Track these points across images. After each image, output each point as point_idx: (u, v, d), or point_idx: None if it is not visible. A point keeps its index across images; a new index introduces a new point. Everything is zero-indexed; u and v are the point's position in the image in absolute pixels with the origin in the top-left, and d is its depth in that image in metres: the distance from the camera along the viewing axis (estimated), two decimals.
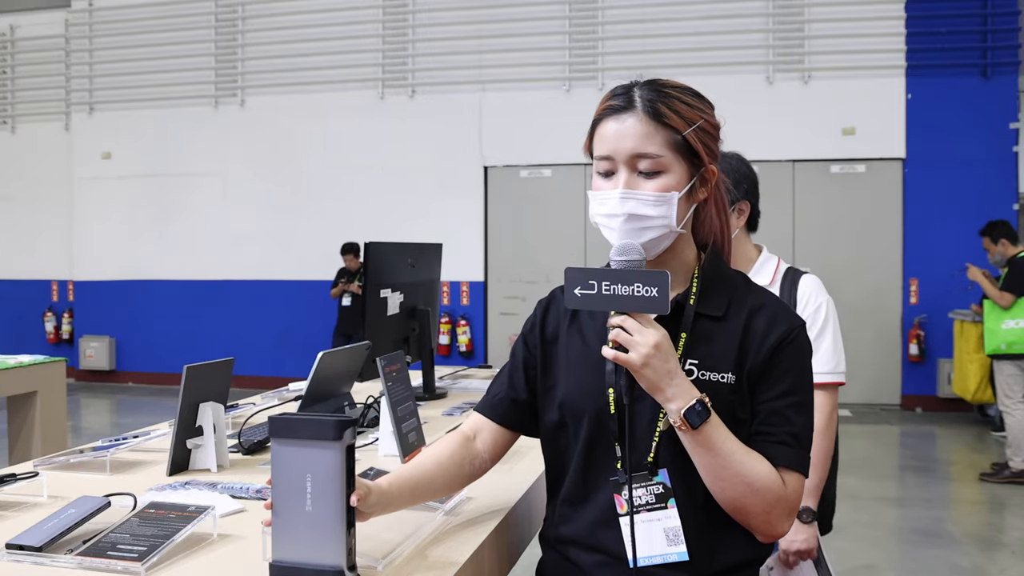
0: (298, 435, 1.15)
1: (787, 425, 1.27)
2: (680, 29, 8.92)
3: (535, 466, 1.81)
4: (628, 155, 1.27)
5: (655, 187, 1.27)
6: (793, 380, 1.28)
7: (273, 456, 1.17)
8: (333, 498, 1.13)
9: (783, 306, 1.34)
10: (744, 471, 1.22)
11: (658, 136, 1.26)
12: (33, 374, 4.37)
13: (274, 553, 1.15)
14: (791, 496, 1.25)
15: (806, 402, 1.29)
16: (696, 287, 1.32)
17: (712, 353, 1.28)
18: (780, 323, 1.29)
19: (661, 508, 1.27)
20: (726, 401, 1.26)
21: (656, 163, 1.26)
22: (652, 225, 1.27)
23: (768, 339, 1.28)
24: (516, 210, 9.37)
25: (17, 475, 1.58)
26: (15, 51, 11.04)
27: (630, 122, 1.27)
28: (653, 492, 1.27)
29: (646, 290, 1.20)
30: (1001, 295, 5.73)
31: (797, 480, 1.26)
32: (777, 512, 1.25)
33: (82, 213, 10.56)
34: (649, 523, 1.27)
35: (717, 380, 1.27)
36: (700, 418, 1.20)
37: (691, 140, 1.27)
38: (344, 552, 1.12)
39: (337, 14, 9.70)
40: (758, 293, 1.35)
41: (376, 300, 2.51)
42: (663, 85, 1.32)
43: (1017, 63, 8.42)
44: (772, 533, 1.28)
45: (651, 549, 1.26)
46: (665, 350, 1.20)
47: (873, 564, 4.30)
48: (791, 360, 1.28)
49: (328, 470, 1.13)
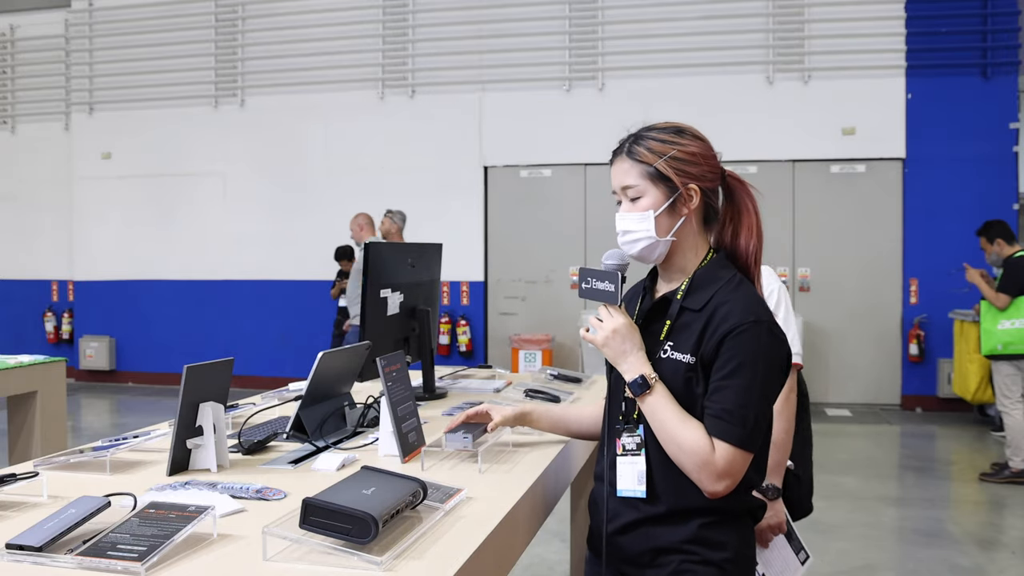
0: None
1: (724, 402, 1.52)
2: (680, 29, 8.92)
3: (535, 466, 1.82)
4: (619, 187, 1.70)
5: (636, 208, 1.65)
6: (737, 365, 1.52)
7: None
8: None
9: (748, 304, 1.56)
10: (675, 434, 1.53)
11: (634, 170, 1.66)
12: (33, 374, 4.37)
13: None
14: (718, 462, 1.50)
15: (749, 386, 1.51)
16: (686, 285, 1.62)
17: (683, 338, 1.59)
18: (734, 316, 1.54)
19: (637, 455, 1.61)
20: (685, 377, 1.56)
21: (635, 191, 1.66)
22: (638, 237, 1.65)
23: (720, 328, 1.54)
24: (516, 210, 9.37)
25: (17, 475, 1.58)
26: (15, 51, 11.04)
27: (618, 163, 1.70)
28: (635, 441, 1.62)
29: (606, 285, 1.62)
30: (997, 296, 5.73)
31: (725, 449, 1.50)
32: (706, 473, 1.51)
33: (82, 213, 10.56)
34: (630, 464, 1.62)
35: (679, 359, 1.57)
36: (640, 389, 1.56)
37: (661, 168, 1.62)
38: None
39: (337, 14, 9.70)
40: (736, 292, 1.58)
41: (376, 300, 2.51)
42: (646, 129, 1.68)
43: (1017, 63, 8.42)
44: (705, 489, 1.53)
45: (627, 484, 1.61)
46: (621, 334, 1.59)
47: (873, 564, 4.31)
48: (737, 348, 1.52)
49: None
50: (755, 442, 1.53)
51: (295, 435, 2.03)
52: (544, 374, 2.87)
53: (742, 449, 1.51)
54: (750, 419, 1.51)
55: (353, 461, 1.84)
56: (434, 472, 1.74)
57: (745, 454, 1.52)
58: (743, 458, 1.52)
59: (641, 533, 1.61)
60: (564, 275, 9.27)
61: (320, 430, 2.03)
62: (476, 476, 1.73)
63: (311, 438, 2.00)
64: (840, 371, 8.56)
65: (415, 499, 1.42)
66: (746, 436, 1.51)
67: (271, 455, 1.93)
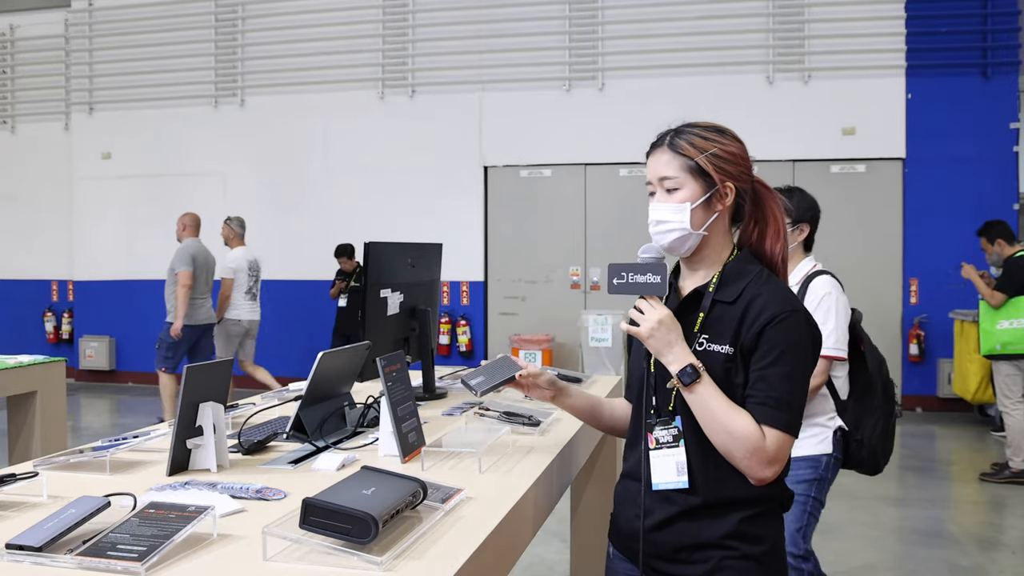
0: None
1: (770, 390, 1.55)
2: (680, 29, 8.92)
3: (535, 466, 1.82)
4: (657, 178, 1.68)
5: (671, 199, 1.65)
6: (779, 354, 1.56)
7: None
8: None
9: (783, 296, 1.61)
10: (726, 422, 1.54)
11: (675, 162, 1.65)
12: (33, 374, 4.37)
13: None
14: (769, 447, 1.53)
15: (792, 373, 1.56)
16: (716, 279, 1.65)
17: (719, 330, 1.61)
18: (773, 306, 1.58)
19: (675, 446, 1.63)
20: (723, 368, 1.59)
21: (673, 182, 1.65)
22: (671, 228, 1.64)
23: (760, 319, 1.57)
24: (516, 210, 9.37)
25: (17, 475, 1.58)
26: (15, 51, 11.04)
27: (657, 155, 1.68)
28: (671, 433, 1.63)
29: (652, 277, 1.60)
30: (992, 294, 5.73)
31: (775, 435, 1.54)
32: (756, 459, 1.53)
33: (82, 213, 10.56)
34: (666, 457, 1.63)
35: (718, 351, 1.60)
36: (690, 378, 1.56)
37: (702, 164, 1.63)
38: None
39: (337, 14, 9.70)
40: (768, 285, 1.63)
41: (376, 300, 2.50)
42: (688, 125, 1.69)
43: (1017, 63, 8.42)
44: (755, 477, 1.56)
45: (666, 476, 1.62)
46: (667, 325, 1.59)
47: (873, 564, 4.31)
48: (779, 336, 1.56)
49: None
50: (798, 426, 1.57)
51: (295, 435, 2.03)
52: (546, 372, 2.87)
53: (789, 434, 1.55)
54: (795, 405, 1.56)
55: (353, 461, 1.83)
56: (434, 472, 1.74)
57: (790, 439, 1.56)
58: (789, 443, 1.56)
59: (678, 528, 1.62)
60: (564, 275, 9.28)
61: (320, 430, 2.03)
62: (476, 476, 1.73)
63: (311, 438, 2.00)
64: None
65: (415, 499, 1.42)
66: (792, 421, 1.55)
67: (271, 455, 1.92)
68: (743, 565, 1.59)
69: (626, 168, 9.03)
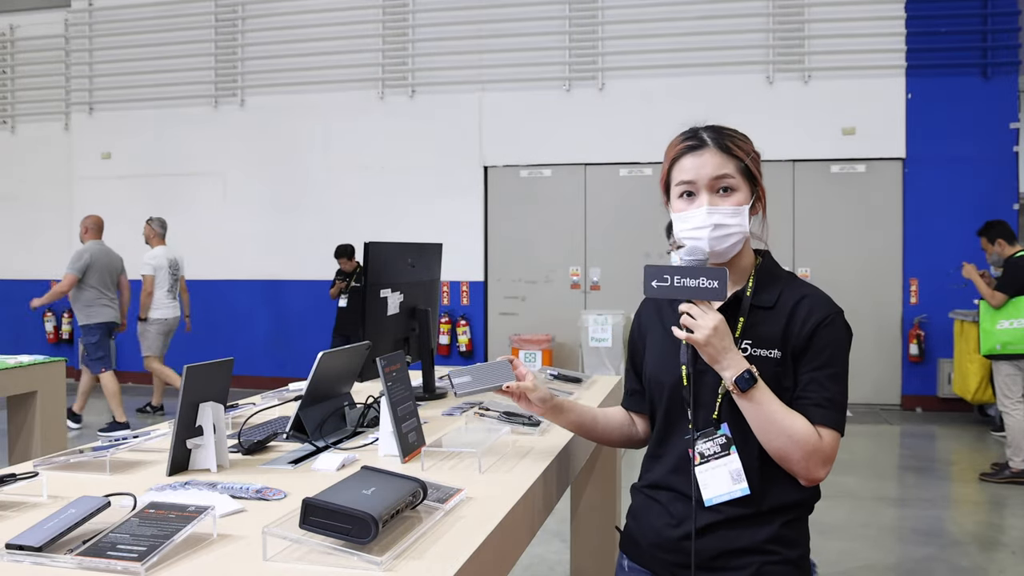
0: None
1: (823, 391, 1.55)
2: (680, 29, 8.92)
3: (535, 466, 1.82)
4: (708, 179, 1.60)
5: (732, 202, 1.60)
6: (829, 355, 1.57)
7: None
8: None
9: (826, 298, 1.62)
10: (785, 426, 1.52)
11: (730, 164, 1.61)
12: (33, 374, 4.37)
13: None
14: (826, 447, 1.54)
15: (840, 373, 1.58)
16: (752, 283, 1.64)
17: (763, 334, 1.59)
18: (820, 309, 1.59)
19: (725, 455, 1.58)
20: (772, 372, 1.57)
21: (731, 183, 1.61)
22: (731, 232, 1.60)
23: (808, 321, 1.58)
24: (516, 210, 9.37)
25: (17, 475, 1.58)
26: (15, 51, 11.04)
27: (707, 156, 1.61)
28: (718, 443, 1.58)
29: (709, 283, 1.52)
30: (992, 294, 5.72)
31: (831, 435, 1.54)
32: (815, 460, 1.53)
33: (82, 213, 10.51)
34: (716, 468, 1.58)
35: (766, 355, 1.58)
36: (748, 384, 1.52)
37: (751, 166, 1.62)
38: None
39: (337, 14, 9.70)
40: (803, 287, 1.64)
41: (376, 300, 2.50)
42: (722, 128, 1.66)
43: (1017, 63, 8.42)
44: (811, 477, 1.55)
45: (719, 489, 1.57)
46: (721, 331, 1.52)
47: (873, 564, 4.30)
48: (827, 338, 1.57)
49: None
50: (845, 425, 1.58)
51: (295, 435, 2.03)
52: (544, 374, 2.88)
53: (841, 434, 1.57)
54: (845, 405, 1.58)
55: (353, 461, 1.83)
56: (434, 472, 1.74)
57: (840, 438, 1.57)
58: (838, 442, 1.57)
59: (718, 536, 1.58)
60: (564, 275, 9.28)
61: (320, 430, 2.03)
62: (476, 476, 1.73)
63: (311, 438, 2.00)
64: None
65: (415, 499, 1.41)
66: (842, 421, 1.57)
67: (271, 455, 1.92)
68: (782, 570, 1.58)
69: (626, 168, 9.03)
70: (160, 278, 7.88)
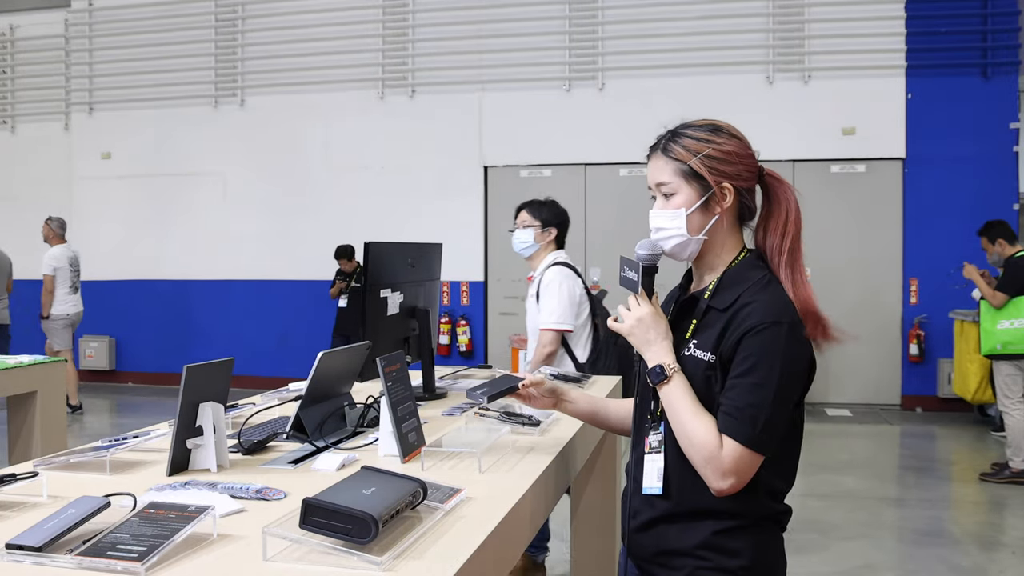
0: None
1: (735, 400, 1.50)
2: (680, 29, 8.92)
3: (535, 466, 1.82)
4: (653, 184, 1.65)
5: (668, 206, 1.62)
6: (752, 364, 1.50)
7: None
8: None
9: (772, 306, 1.54)
10: (687, 427, 1.52)
11: (668, 167, 1.62)
12: (33, 374, 4.37)
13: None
14: (724, 458, 1.49)
15: (762, 384, 1.49)
16: (714, 285, 1.62)
17: (706, 337, 1.57)
18: (755, 316, 1.52)
19: (658, 451, 1.61)
20: (704, 375, 1.55)
21: (669, 187, 1.62)
22: (669, 235, 1.61)
23: (740, 328, 1.52)
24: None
25: (17, 475, 1.58)
26: (15, 51, 11.04)
27: (653, 160, 1.66)
28: (658, 438, 1.62)
29: (632, 274, 1.61)
30: (993, 294, 5.73)
31: (732, 446, 1.49)
32: (711, 468, 1.50)
33: (82, 213, 10.55)
34: (652, 461, 1.62)
35: (700, 357, 1.57)
36: (658, 378, 1.56)
37: (695, 167, 1.59)
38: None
39: (337, 14, 9.70)
40: (762, 293, 1.57)
41: (376, 300, 2.50)
42: (683, 127, 1.65)
43: (1017, 63, 8.42)
44: (711, 486, 1.52)
45: (650, 482, 1.61)
46: (646, 323, 1.58)
47: (873, 564, 4.30)
48: (753, 347, 1.51)
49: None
50: (765, 444, 1.49)
51: (295, 435, 2.03)
52: (544, 374, 2.87)
53: (750, 449, 1.48)
54: (760, 419, 1.48)
55: (353, 461, 1.83)
56: (434, 472, 1.74)
57: (754, 455, 1.49)
58: (751, 458, 1.49)
59: (656, 532, 1.62)
60: None
61: (320, 430, 2.03)
62: (476, 476, 1.73)
63: (311, 438, 2.00)
64: (840, 371, 8.55)
65: (415, 499, 1.42)
66: (755, 436, 1.48)
67: (271, 455, 1.92)
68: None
69: (626, 168, 9.03)
70: (61, 277, 8.26)
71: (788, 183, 1.71)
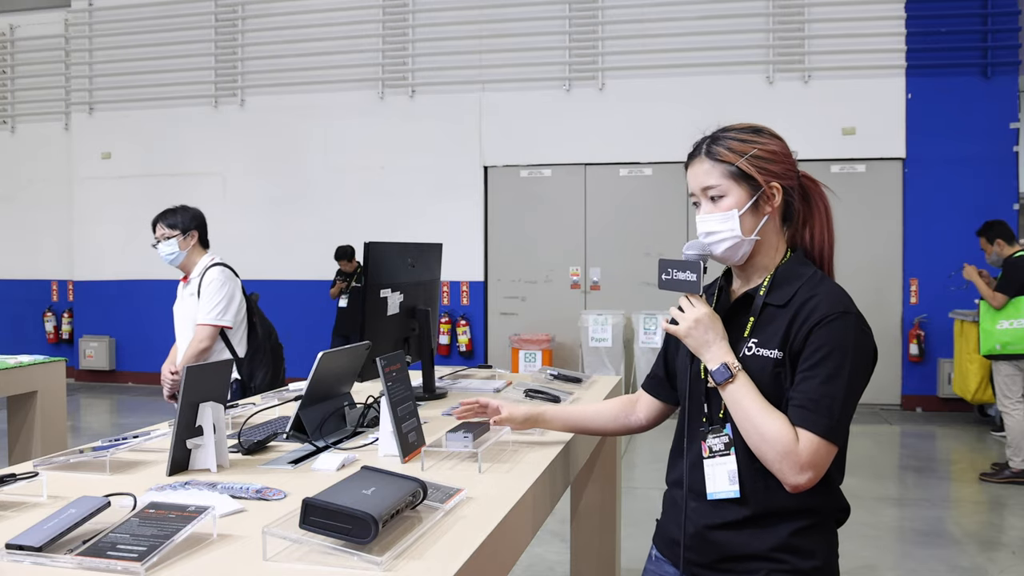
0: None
1: (809, 392, 1.49)
2: (680, 29, 8.92)
3: (535, 466, 1.82)
4: (699, 188, 1.63)
5: (719, 208, 1.60)
6: (824, 355, 1.49)
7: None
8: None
9: (836, 297, 1.55)
10: (758, 423, 1.49)
11: (715, 170, 1.60)
12: (33, 374, 4.38)
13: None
14: (801, 451, 1.47)
15: (835, 375, 1.48)
16: (768, 282, 1.61)
17: (768, 334, 1.56)
18: (823, 307, 1.52)
19: (727, 454, 1.58)
20: (772, 372, 1.53)
21: (717, 190, 1.60)
22: (722, 237, 1.60)
23: (809, 320, 1.52)
24: (516, 210, 9.37)
25: (17, 475, 1.58)
26: (15, 51, 11.04)
27: (696, 165, 1.64)
28: (722, 441, 1.59)
29: (688, 275, 1.58)
30: (993, 295, 5.73)
31: (809, 439, 1.47)
32: (788, 463, 1.47)
33: (82, 213, 10.56)
34: (719, 465, 1.58)
35: (766, 355, 1.54)
36: (723, 377, 1.53)
37: (743, 167, 1.59)
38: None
39: (337, 14, 9.70)
40: (821, 286, 1.58)
41: (376, 300, 2.50)
42: (723, 130, 1.66)
43: (1017, 63, 8.42)
44: (787, 482, 1.49)
45: (717, 486, 1.58)
46: (704, 324, 1.56)
47: (873, 564, 4.30)
48: (825, 338, 1.50)
49: None
50: (840, 434, 1.50)
51: (295, 435, 2.03)
52: (544, 374, 2.87)
53: (827, 440, 1.47)
54: (836, 409, 1.48)
55: (353, 461, 1.84)
56: (434, 472, 1.74)
57: (830, 446, 1.48)
58: (827, 450, 1.48)
59: (724, 538, 1.57)
60: (564, 275, 9.28)
61: (320, 430, 2.03)
62: (476, 476, 1.73)
63: (311, 438, 2.00)
64: None
65: (415, 499, 1.42)
66: (831, 427, 1.48)
67: (271, 455, 1.93)
68: None
69: (626, 168, 9.03)
70: None
71: (821, 183, 1.74)
